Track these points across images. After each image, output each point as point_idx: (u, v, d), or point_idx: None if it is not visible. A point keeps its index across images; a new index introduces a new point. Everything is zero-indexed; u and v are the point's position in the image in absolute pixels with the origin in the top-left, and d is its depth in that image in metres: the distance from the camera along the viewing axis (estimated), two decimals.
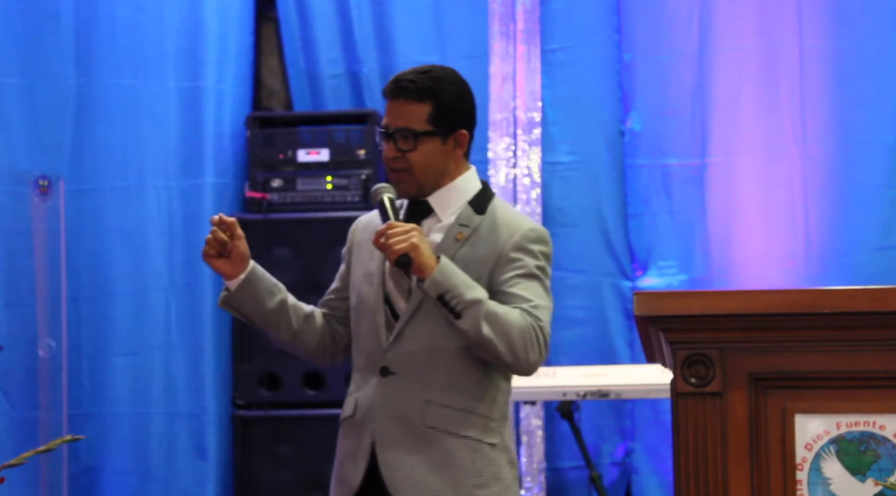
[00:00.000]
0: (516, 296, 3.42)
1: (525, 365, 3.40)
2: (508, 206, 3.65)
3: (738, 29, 6.50)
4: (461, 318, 3.35)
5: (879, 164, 6.36)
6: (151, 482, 6.56)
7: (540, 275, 3.47)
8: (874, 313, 2.65)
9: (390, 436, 3.43)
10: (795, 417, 2.69)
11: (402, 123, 3.49)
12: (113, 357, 6.59)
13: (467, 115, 3.57)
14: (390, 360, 3.46)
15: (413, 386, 3.44)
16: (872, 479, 2.67)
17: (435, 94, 3.51)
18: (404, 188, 3.53)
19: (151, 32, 6.68)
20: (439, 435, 3.42)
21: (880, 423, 2.68)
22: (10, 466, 2.48)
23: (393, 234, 3.35)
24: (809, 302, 2.67)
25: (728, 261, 6.47)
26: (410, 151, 3.48)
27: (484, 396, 3.47)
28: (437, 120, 3.50)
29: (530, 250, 3.48)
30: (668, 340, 2.73)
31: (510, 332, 3.36)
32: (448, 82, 3.54)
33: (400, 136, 3.49)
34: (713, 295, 2.80)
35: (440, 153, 3.51)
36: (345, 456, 3.52)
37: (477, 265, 3.44)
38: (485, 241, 3.48)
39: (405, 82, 3.52)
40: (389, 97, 3.54)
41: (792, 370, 2.69)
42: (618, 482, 6.60)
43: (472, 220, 3.51)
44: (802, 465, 2.69)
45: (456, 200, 3.54)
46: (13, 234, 6.52)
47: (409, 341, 3.46)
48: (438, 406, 3.43)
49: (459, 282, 3.36)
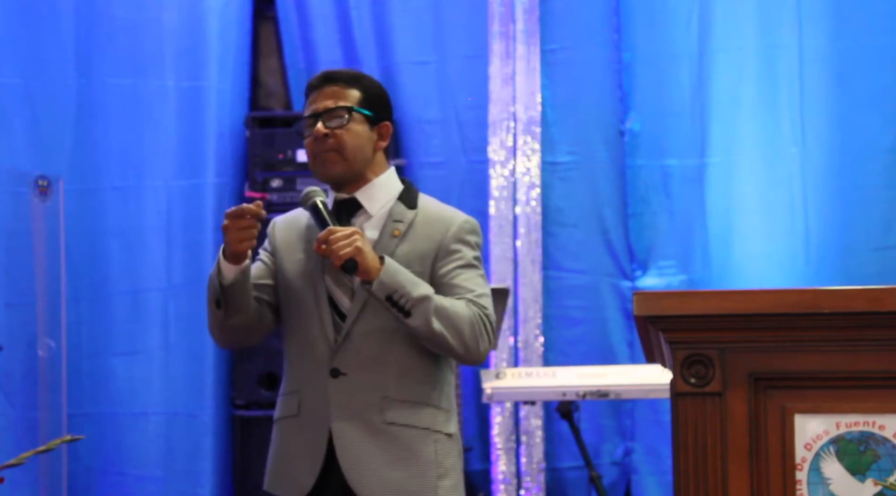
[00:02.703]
0: (459, 286, 3.46)
1: (476, 354, 3.46)
2: (435, 200, 3.64)
3: (738, 29, 6.50)
4: (411, 316, 3.37)
5: (879, 164, 6.36)
6: (151, 482, 6.56)
7: (477, 264, 3.54)
8: (874, 313, 2.65)
9: (350, 436, 3.42)
10: (795, 417, 2.69)
11: (333, 103, 3.51)
12: (112, 357, 6.59)
13: (389, 110, 3.60)
14: (340, 361, 3.45)
15: (367, 385, 3.44)
16: (872, 479, 2.67)
17: (362, 83, 3.55)
18: (332, 169, 3.51)
19: (151, 32, 6.68)
20: (399, 429, 3.44)
21: (880, 423, 2.68)
22: (10, 466, 2.47)
23: (335, 240, 3.35)
24: (809, 302, 2.67)
25: (728, 262, 6.47)
26: (342, 128, 3.48)
27: (435, 387, 3.50)
28: (367, 105, 3.53)
29: (467, 241, 3.53)
30: (667, 340, 2.73)
31: (459, 325, 3.41)
32: (371, 78, 3.61)
33: (331, 116, 3.49)
34: (713, 295, 2.80)
35: (367, 139, 3.52)
36: (291, 455, 3.49)
37: (418, 259, 3.46)
38: (422, 234, 3.50)
39: (333, 73, 3.58)
40: (316, 87, 3.55)
41: (792, 370, 2.69)
42: (617, 482, 6.60)
43: (406, 215, 3.52)
44: (802, 465, 2.69)
45: (382, 196, 3.54)
46: (13, 234, 6.53)
47: (358, 341, 3.45)
48: (395, 401, 3.44)
49: (405, 280, 3.37)
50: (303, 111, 3.59)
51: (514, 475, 6.56)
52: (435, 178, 6.74)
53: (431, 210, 3.56)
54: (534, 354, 6.59)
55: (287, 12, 6.90)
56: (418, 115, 6.78)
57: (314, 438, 3.44)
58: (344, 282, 3.48)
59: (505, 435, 6.57)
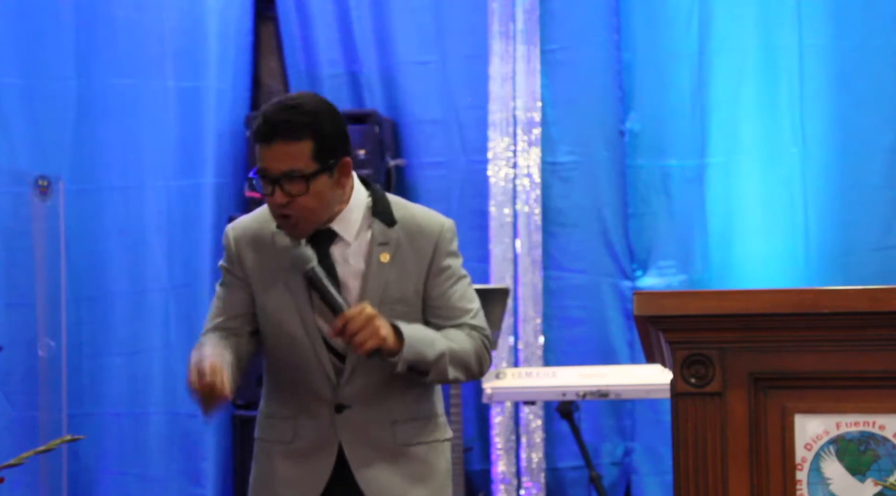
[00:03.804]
0: (455, 309, 3.40)
1: (479, 377, 3.50)
2: (404, 201, 3.49)
3: (738, 28, 6.50)
4: (428, 376, 3.35)
5: (879, 164, 6.36)
6: (151, 482, 6.56)
7: (464, 271, 3.47)
8: (874, 313, 2.65)
9: (365, 458, 3.38)
10: (795, 417, 2.69)
11: (287, 167, 3.23)
12: (112, 357, 6.59)
13: (345, 139, 3.35)
14: (345, 397, 3.38)
15: (375, 414, 3.39)
16: (872, 479, 2.67)
17: (313, 130, 3.26)
18: (300, 233, 3.32)
19: (151, 32, 6.68)
20: (413, 448, 3.43)
21: (880, 423, 2.68)
22: (10, 466, 2.47)
23: (355, 330, 3.19)
24: (809, 302, 2.67)
25: (728, 262, 6.47)
26: (302, 195, 3.25)
27: (431, 398, 3.50)
28: (321, 156, 3.26)
29: (453, 251, 3.44)
30: (667, 340, 2.73)
31: (469, 363, 3.40)
32: (323, 113, 3.29)
33: (287, 182, 3.24)
34: (713, 295, 2.79)
35: (330, 188, 3.30)
36: (281, 481, 3.40)
37: (411, 279, 3.37)
38: (409, 254, 3.38)
39: (280, 123, 3.25)
40: (264, 140, 3.26)
41: (792, 370, 2.69)
42: (617, 482, 6.60)
43: (389, 236, 3.37)
44: (802, 465, 2.69)
45: (356, 218, 3.37)
46: (13, 234, 6.53)
47: (362, 377, 3.38)
48: (405, 422, 3.42)
49: (422, 347, 3.29)
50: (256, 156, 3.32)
51: (514, 475, 6.55)
52: (435, 178, 6.74)
53: (410, 222, 3.40)
54: (534, 354, 6.59)
55: (287, 12, 6.90)
56: (418, 115, 6.78)
57: (314, 466, 3.38)
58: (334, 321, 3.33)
59: (505, 435, 6.57)
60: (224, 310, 3.46)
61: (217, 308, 3.48)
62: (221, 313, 3.46)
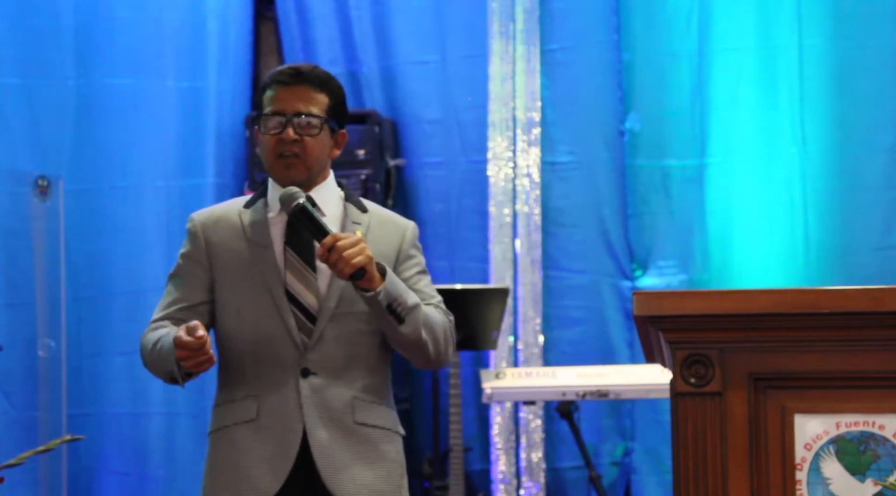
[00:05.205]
0: (422, 292, 3.46)
1: (444, 362, 3.49)
2: (375, 203, 3.62)
3: (737, 28, 6.50)
4: (404, 323, 3.35)
5: (879, 164, 6.37)
6: (151, 482, 6.56)
7: (427, 271, 3.55)
8: (874, 313, 2.65)
9: (325, 436, 3.38)
10: (795, 417, 2.69)
11: (306, 108, 3.40)
12: (112, 357, 6.59)
13: (347, 117, 3.52)
14: (312, 361, 3.39)
15: (338, 385, 3.40)
16: (872, 479, 2.67)
17: (331, 88, 3.45)
18: (294, 174, 3.41)
19: (151, 32, 6.69)
20: (368, 430, 3.43)
21: (880, 423, 2.68)
22: (10, 466, 2.47)
23: (343, 248, 3.25)
24: (809, 302, 2.67)
25: (728, 262, 6.48)
26: (311, 137, 3.40)
27: (388, 389, 3.51)
28: (334, 113, 3.45)
29: (419, 247, 3.55)
30: (667, 340, 2.73)
31: (438, 333, 3.42)
32: (337, 80, 3.50)
33: (302, 122, 3.39)
34: (712, 295, 2.80)
35: (327, 147, 3.45)
36: (247, 463, 3.39)
37: (382, 259, 3.40)
38: (380, 237, 3.46)
39: (307, 71, 3.43)
40: (288, 83, 3.41)
41: (791, 370, 2.69)
42: (617, 482, 6.60)
43: (361, 218, 3.47)
44: (802, 465, 2.69)
45: (332, 197, 3.47)
46: (13, 234, 6.53)
47: (331, 341, 3.40)
48: (363, 402, 3.43)
49: (402, 289, 3.36)
50: (263, 101, 3.44)
51: (514, 475, 6.56)
52: (435, 178, 6.74)
53: (380, 213, 3.54)
54: (534, 354, 6.59)
55: (287, 12, 6.90)
56: (418, 115, 6.78)
57: (282, 441, 3.37)
58: (309, 281, 3.41)
59: (505, 435, 6.57)
60: (176, 301, 3.53)
61: (167, 301, 3.55)
62: (173, 304, 3.53)
